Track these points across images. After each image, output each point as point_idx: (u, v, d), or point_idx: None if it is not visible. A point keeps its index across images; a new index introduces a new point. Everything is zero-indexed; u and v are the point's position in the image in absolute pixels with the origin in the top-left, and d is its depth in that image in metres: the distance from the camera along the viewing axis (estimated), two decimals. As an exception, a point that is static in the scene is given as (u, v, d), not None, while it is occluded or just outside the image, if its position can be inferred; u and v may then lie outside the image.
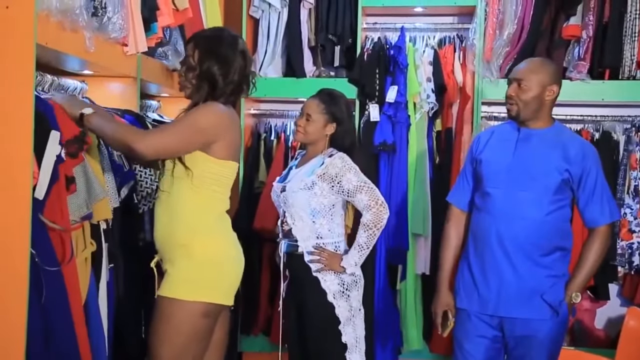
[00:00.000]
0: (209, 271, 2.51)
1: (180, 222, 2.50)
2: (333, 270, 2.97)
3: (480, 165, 2.84)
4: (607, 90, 3.97)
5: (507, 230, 2.73)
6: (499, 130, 2.91)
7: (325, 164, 3.00)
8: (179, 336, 2.46)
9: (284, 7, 4.24)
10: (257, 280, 4.25)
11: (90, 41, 2.59)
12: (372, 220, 2.95)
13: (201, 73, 2.52)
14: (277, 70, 4.29)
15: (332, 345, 2.97)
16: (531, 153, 2.76)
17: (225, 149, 2.52)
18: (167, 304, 2.47)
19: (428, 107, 4.08)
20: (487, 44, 4.00)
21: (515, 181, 2.74)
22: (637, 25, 3.88)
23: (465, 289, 2.84)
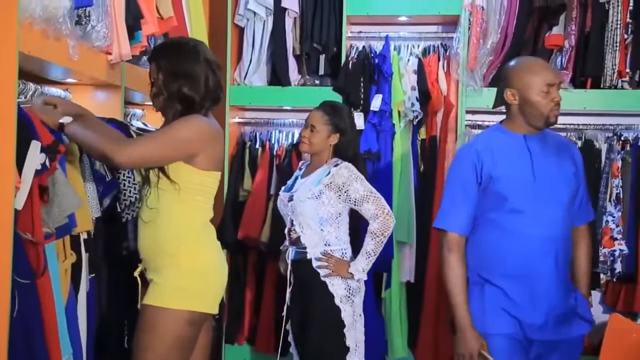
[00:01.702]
0: (195, 280, 2.50)
1: (166, 232, 2.49)
2: (340, 276, 3.04)
3: (497, 182, 2.58)
4: (589, 99, 4.00)
5: (545, 253, 2.57)
6: (496, 141, 2.66)
7: (331, 173, 3.08)
8: (163, 344, 2.44)
9: (268, 15, 4.24)
10: (242, 289, 4.23)
11: (74, 49, 2.57)
12: (379, 229, 3.05)
13: (170, 96, 2.48)
14: (262, 78, 4.28)
15: (334, 348, 3.05)
16: (548, 162, 2.61)
17: (208, 161, 2.50)
18: (152, 312, 2.45)
19: (412, 115, 4.09)
20: (470, 53, 4.02)
21: (543, 196, 2.57)
22: (618, 35, 3.90)
23: (498, 314, 2.58)
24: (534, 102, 2.56)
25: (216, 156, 2.55)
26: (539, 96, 2.55)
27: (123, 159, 2.37)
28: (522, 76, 2.58)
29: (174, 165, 2.45)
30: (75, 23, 2.61)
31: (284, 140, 4.34)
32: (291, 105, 4.33)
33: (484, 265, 2.60)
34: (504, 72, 2.70)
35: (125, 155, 2.37)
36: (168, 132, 2.46)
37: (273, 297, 4.17)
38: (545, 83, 2.54)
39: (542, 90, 2.54)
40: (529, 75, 2.56)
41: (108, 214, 2.79)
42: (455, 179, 2.66)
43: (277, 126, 4.39)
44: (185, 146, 2.44)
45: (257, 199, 4.15)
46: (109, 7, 2.87)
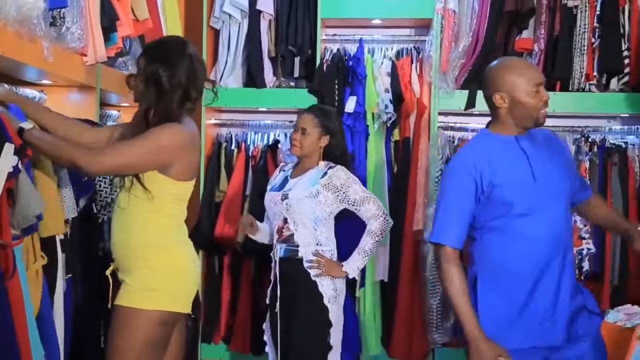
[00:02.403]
0: (166, 280, 2.47)
1: (137, 234, 2.45)
2: (331, 276, 3.06)
3: (500, 189, 2.51)
4: (557, 102, 4.01)
5: (554, 253, 2.52)
6: (490, 147, 2.58)
7: (328, 174, 3.11)
8: (136, 345, 2.42)
9: (244, 18, 4.22)
10: (217, 288, 4.21)
11: (49, 51, 2.55)
12: (379, 229, 3.11)
13: (147, 76, 2.44)
14: (238, 80, 4.27)
15: (318, 346, 3.06)
16: (543, 160, 2.56)
17: (184, 170, 2.46)
18: (123, 313, 2.42)
19: (386, 117, 4.10)
20: (443, 56, 4.03)
21: (545, 196, 2.52)
22: (585, 39, 3.95)
23: (507, 326, 2.52)
24: (523, 103, 2.49)
25: (192, 166, 2.51)
26: (529, 96, 2.47)
27: (94, 168, 2.33)
28: (509, 78, 2.51)
29: (149, 173, 2.41)
30: (50, 24, 2.59)
31: (259, 142, 4.33)
32: (266, 106, 4.32)
33: (492, 272, 2.54)
34: (488, 76, 2.60)
35: (96, 164, 2.33)
36: (142, 141, 2.40)
37: (249, 297, 4.16)
38: (534, 83, 2.48)
39: (531, 90, 2.48)
40: (515, 77, 2.49)
41: (85, 215, 2.76)
42: (451, 191, 2.57)
43: (252, 127, 4.38)
44: (158, 157, 2.39)
45: (233, 199, 4.13)
46: (84, 8, 2.85)
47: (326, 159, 3.18)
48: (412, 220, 4.08)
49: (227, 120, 4.45)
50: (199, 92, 2.54)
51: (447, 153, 4.13)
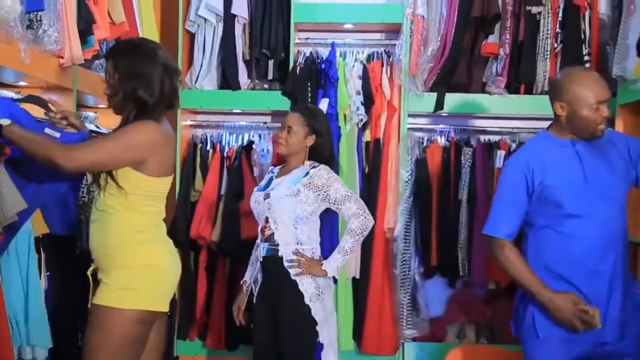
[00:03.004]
0: (143, 279, 2.45)
1: (113, 234, 2.43)
2: (311, 275, 3.03)
3: (551, 190, 2.55)
4: (522, 104, 4.09)
5: (605, 252, 2.54)
6: (545, 149, 2.61)
7: (310, 174, 3.08)
8: (113, 343, 2.40)
9: (219, 22, 4.22)
10: (193, 286, 4.20)
11: (26, 53, 2.54)
12: (359, 227, 3.07)
13: (125, 96, 2.42)
14: (213, 82, 4.26)
15: (307, 346, 3.03)
16: (597, 163, 2.57)
17: (158, 167, 2.45)
18: (101, 312, 2.41)
19: (357, 118, 4.11)
20: (412, 60, 4.06)
21: (597, 198, 2.54)
22: (548, 44, 3.99)
23: None
24: (583, 117, 2.51)
25: (166, 162, 2.50)
26: (589, 111, 2.49)
27: (69, 164, 2.32)
28: (573, 89, 2.51)
29: (122, 171, 2.39)
30: (27, 27, 2.58)
31: (234, 143, 4.33)
32: (241, 108, 4.32)
33: (544, 268, 2.57)
34: (555, 82, 2.61)
35: (72, 160, 2.32)
36: (116, 138, 2.40)
37: (224, 295, 4.16)
38: (597, 100, 2.48)
39: (592, 106, 2.49)
40: (580, 89, 2.49)
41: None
42: (504, 187, 2.64)
43: (227, 129, 4.37)
44: (133, 153, 2.38)
45: (208, 199, 4.13)
46: (61, 11, 2.84)
47: (312, 159, 3.15)
48: (383, 219, 4.10)
49: (202, 121, 4.44)
50: (178, 99, 2.55)
51: (417, 154, 4.17)
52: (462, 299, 4.41)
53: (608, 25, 3.96)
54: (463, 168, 4.16)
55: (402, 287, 4.11)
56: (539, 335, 2.59)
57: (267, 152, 4.26)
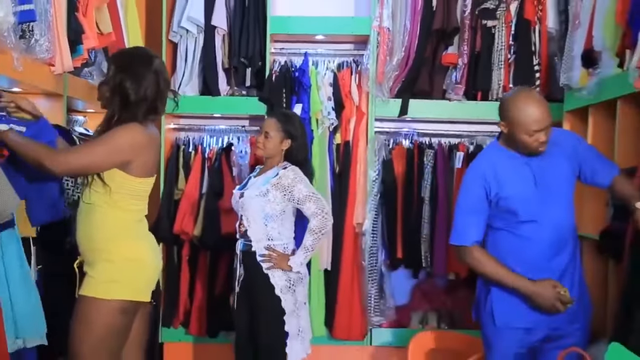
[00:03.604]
0: (126, 272, 2.45)
1: (98, 229, 2.44)
2: (280, 269, 3.05)
3: (506, 201, 2.56)
4: (479, 110, 4.12)
5: (558, 250, 2.58)
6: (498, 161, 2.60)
7: (279, 175, 3.10)
8: (98, 332, 2.39)
9: (200, 33, 4.22)
10: (176, 278, 4.20)
11: (19, 61, 2.53)
12: (317, 226, 3.08)
13: (114, 86, 2.44)
14: (194, 89, 4.26)
15: (278, 334, 3.06)
16: (546, 168, 2.56)
17: (142, 168, 2.46)
18: (86, 302, 2.41)
19: (329, 122, 4.13)
20: (379, 69, 4.08)
21: (548, 202, 2.56)
22: (502, 55, 4.03)
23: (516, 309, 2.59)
24: (520, 140, 2.50)
25: (150, 163, 2.50)
26: (527, 136, 2.47)
27: (58, 167, 2.33)
28: (513, 114, 2.48)
29: (109, 171, 2.40)
30: (20, 37, 2.57)
31: (214, 145, 4.33)
32: (221, 113, 4.32)
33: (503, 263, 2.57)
34: (501, 102, 2.58)
35: (61, 164, 2.33)
36: (103, 141, 2.39)
37: (205, 285, 4.16)
38: (533, 129, 2.45)
39: (527, 132, 2.46)
40: (519, 115, 2.45)
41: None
42: (467, 197, 2.62)
43: (208, 132, 4.37)
44: (119, 155, 2.39)
45: (190, 197, 4.13)
46: (52, 22, 2.83)
47: (289, 161, 3.17)
48: (353, 215, 4.13)
49: (185, 125, 4.44)
50: (163, 106, 2.55)
51: (383, 155, 4.20)
52: (424, 289, 4.45)
53: (556, 38, 4.03)
54: (425, 168, 4.19)
55: (370, 278, 4.14)
56: (497, 323, 2.63)
57: (245, 154, 4.27)
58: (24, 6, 2.53)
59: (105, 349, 2.42)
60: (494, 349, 2.67)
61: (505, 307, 2.62)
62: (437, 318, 4.33)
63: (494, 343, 2.67)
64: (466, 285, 4.24)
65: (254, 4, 4.14)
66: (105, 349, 2.42)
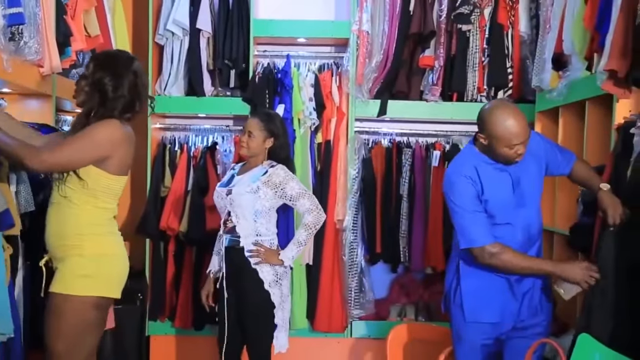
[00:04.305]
0: (99, 267, 2.41)
1: (71, 225, 2.40)
2: (269, 263, 3.03)
3: (486, 204, 2.56)
4: (455, 110, 4.15)
5: (526, 248, 2.61)
6: (479, 166, 2.59)
7: (269, 172, 3.09)
8: (72, 329, 2.36)
9: (185, 35, 4.21)
10: (163, 272, 4.19)
11: (8, 63, 2.52)
12: (312, 222, 3.10)
13: (93, 82, 2.42)
14: (180, 89, 4.25)
15: (265, 326, 3.07)
16: (520, 173, 2.59)
17: (118, 165, 2.43)
18: (59, 299, 2.36)
19: (310, 122, 4.14)
20: (358, 70, 4.10)
21: (521, 205, 2.58)
22: (477, 58, 4.06)
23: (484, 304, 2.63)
24: (499, 153, 2.50)
25: (126, 161, 2.47)
26: (505, 149, 2.48)
27: (38, 165, 2.29)
28: (491, 128, 2.47)
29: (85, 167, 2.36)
30: (9, 39, 2.56)
31: (199, 144, 4.33)
32: (205, 113, 4.32)
33: (472, 261, 2.59)
34: (480, 114, 2.56)
35: (43, 162, 2.29)
36: (82, 138, 2.36)
37: (190, 280, 4.16)
38: (511, 143, 2.45)
39: (507, 146, 2.47)
40: (497, 130, 2.45)
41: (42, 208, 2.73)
42: (464, 200, 2.56)
43: (193, 131, 4.37)
44: (97, 150, 2.36)
45: (176, 194, 4.12)
46: (40, 25, 2.82)
47: (271, 159, 3.17)
48: (333, 211, 4.15)
49: (170, 124, 4.43)
50: (140, 106, 2.51)
51: (363, 154, 4.22)
52: (403, 283, 4.48)
53: (527, 42, 4.08)
54: (404, 167, 4.23)
55: (350, 272, 4.16)
56: (466, 318, 2.67)
57: (230, 152, 4.28)
58: (13, 9, 2.52)
59: (81, 344, 2.39)
60: (463, 340, 2.71)
61: (475, 302, 2.66)
62: (415, 311, 4.35)
63: (462, 335, 2.71)
64: (442, 279, 4.24)
65: (237, 7, 4.14)
66: (81, 345, 2.39)
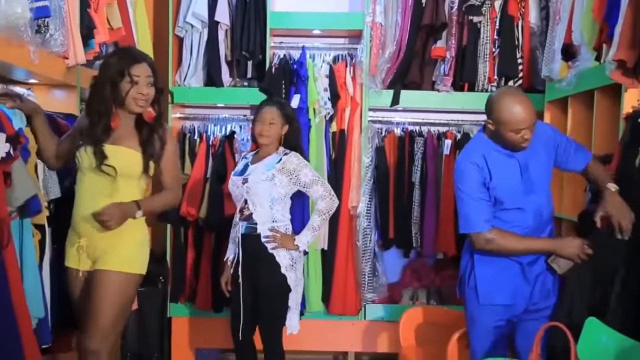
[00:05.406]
0: (143, 248, 2.59)
1: None
2: (285, 248, 3.05)
3: (494, 190, 2.57)
4: (466, 100, 4.12)
5: (537, 233, 2.61)
6: (487, 152, 2.59)
7: (282, 160, 3.09)
8: (122, 306, 2.51)
9: (204, 27, 4.21)
10: (183, 256, 4.22)
11: (35, 54, 2.54)
12: (326, 208, 3.11)
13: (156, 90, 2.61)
14: (199, 80, 4.26)
15: (281, 309, 3.10)
16: (530, 159, 2.59)
17: None
18: (114, 276, 2.48)
19: (325, 112, 4.14)
20: (372, 61, 4.08)
21: (530, 191, 2.58)
22: (488, 49, 4.04)
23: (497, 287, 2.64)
24: (506, 137, 2.51)
25: None
26: (512, 133, 2.48)
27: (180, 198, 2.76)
28: (499, 114, 2.48)
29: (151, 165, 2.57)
30: (36, 32, 2.58)
31: (218, 133, 4.34)
32: (224, 103, 4.33)
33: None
34: (488, 101, 2.57)
35: (180, 195, 2.74)
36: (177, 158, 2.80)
37: (209, 263, 4.18)
38: (517, 128, 2.46)
39: (514, 130, 2.47)
40: (504, 115, 2.46)
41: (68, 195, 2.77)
42: (468, 186, 2.57)
43: (212, 121, 4.38)
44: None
45: (196, 181, 4.15)
46: (65, 18, 2.84)
47: (284, 146, 3.17)
48: (348, 198, 4.15)
49: (190, 114, 4.45)
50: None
51: (376, 142, 4.22)
52: (415, 267, 4.49)
53: (537, 33, 4.04)
54: (416, 155, 4.21)
55: (364, 257, 4.16)
56: (480, 301, 2.67)
57: (247, 141, 4.28)
58: (39, 3, 2.55)
59: (122, 321, 2.56)
60: (476, 322, 2.72)
61: (488, 285, 2.66)
62: (427, 294, 4.36)
63: (476, 317, 2.72)
64: (453, 264, 4.27)
65: (254, 0, 4.13)
66: (121, 322, 2.55)
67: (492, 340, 2.68)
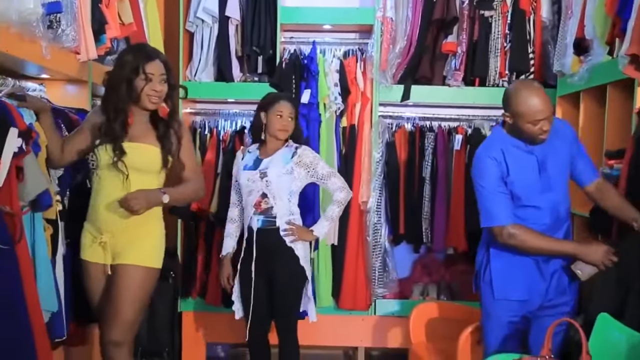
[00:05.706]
0: (161, 243, 2.65)
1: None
2: (303, 240, 3.09)
3: (512, 185, 2.56)
4: (477, 95, 4.11)
5: (553, 231, 2.60)
6: (505, 147, 2.58)
7: (298, 153, 3.13)
8: (144, 299, 2.57)
9: (214, 23, 4.21)
10: (194, 252, 4.23)
11: (47, 50, 2.55)
12: (344, 198, 3.19)
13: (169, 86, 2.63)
14: (210, 75, 4.26)
15: (297, 300, 3.16)
16: (548, 156, 2.57)
17: None
18: (139, 271, 2.54)
19: (335, 107, 4.13)
20: (382, 56, 4.07)
21: (548, 188, 2.57)
22: (499, 43, 4.01)
23: (513, 282, 2.63)
24: (524, 129, 2.50)
25: None
26: (530, 125, 2.47)
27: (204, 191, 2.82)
28: (516, 106, 2.47)
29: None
30: (48, 27, 2.59)
31: (228, 128, 4.34)
32: (234, 98, 4.33)
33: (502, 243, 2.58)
34: (505, 93, 2.57)
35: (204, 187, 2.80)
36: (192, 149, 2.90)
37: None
38: (535, 119, 2.45)
39: (529, 122, 2.46)
40: (522, 107, 2.46)
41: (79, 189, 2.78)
42: (488, 180, 2.55)
43: (222, 116, 4.38)
44: None
45: (207, 176, 4.13)
46: (77, 13, 2.85)
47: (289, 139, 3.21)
48: (358, 193, 4.14)
49: (200, 109, 4.45)
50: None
51: (387, 138, 4.21)
52: (425, 262, 4.48)
53: (549, 27, 4.01)
54: (426, 150, 4.20)
55: (374, 252, 4.16)
56: (495, 296, 2.67)
57: (257, 136, 4.28)
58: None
59: (144, 310, 2.63)
60: (491, 316, 2.71)
61: (503, 280, 2.66)
62: (437, 290, 4.35)
63: (491, 312, 2.71)
64: (464, 259, 4.27)
65: (265, -5, 4.14)
66: (141, 315, 2.62)
67: (506, 335, 2.68)
